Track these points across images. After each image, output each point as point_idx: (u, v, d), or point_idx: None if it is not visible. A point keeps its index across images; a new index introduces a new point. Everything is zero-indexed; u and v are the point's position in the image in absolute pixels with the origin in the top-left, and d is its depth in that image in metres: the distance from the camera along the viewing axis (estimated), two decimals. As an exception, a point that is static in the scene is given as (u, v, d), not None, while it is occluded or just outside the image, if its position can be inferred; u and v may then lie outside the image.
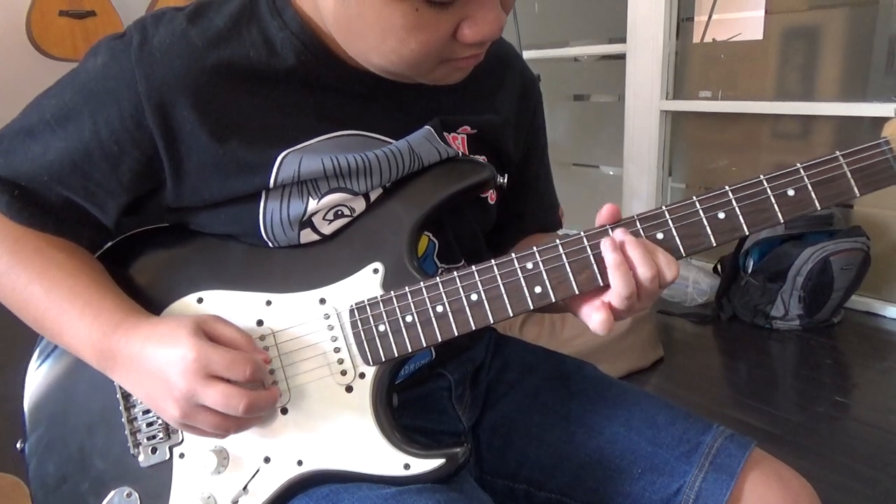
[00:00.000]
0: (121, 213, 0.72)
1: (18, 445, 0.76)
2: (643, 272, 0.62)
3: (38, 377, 0.77)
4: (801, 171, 0.61)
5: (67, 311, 0.68)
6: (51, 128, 0.68)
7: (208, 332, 0.66)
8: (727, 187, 0.62)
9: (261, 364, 0.66)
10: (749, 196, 0.62)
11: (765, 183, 0.61)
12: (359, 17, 0.61)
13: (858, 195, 0.60)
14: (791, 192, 0.61)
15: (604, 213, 0.65)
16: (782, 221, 0.61)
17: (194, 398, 0.63)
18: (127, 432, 0.72)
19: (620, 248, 0.63)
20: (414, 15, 0.58)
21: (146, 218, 0.75)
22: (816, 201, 0.61)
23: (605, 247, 0.63)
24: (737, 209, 0.62)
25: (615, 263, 0.62)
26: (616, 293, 0.63)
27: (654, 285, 0.63)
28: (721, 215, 0.62)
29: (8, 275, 0.70)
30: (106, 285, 0.71)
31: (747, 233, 0.62)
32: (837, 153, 0.60)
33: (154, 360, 0.64)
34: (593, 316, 0.64)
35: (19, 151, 0.69)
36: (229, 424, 0.65)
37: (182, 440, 0.71)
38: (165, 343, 0.64)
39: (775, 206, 0.61)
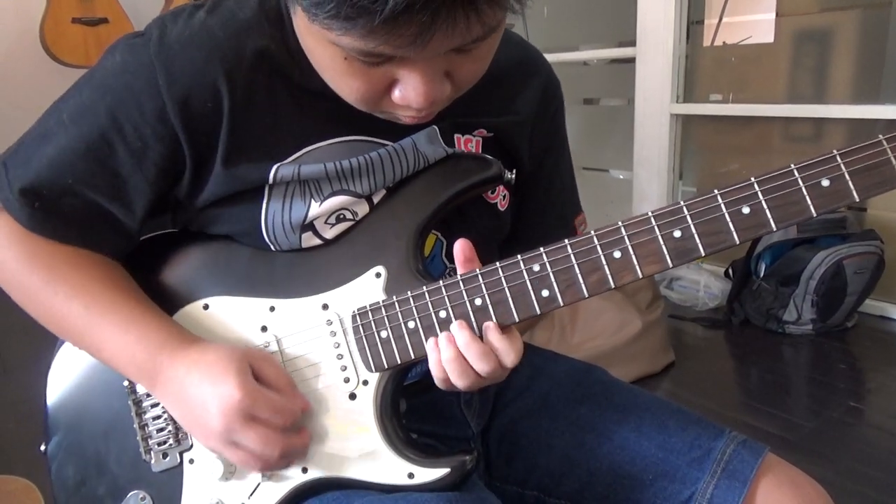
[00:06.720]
0: (147, 212, 0.70)
1: (42, 447, 0.77)
2: (482, 368, 0.62)
3: (58, 381, 0.78)
4: (838, 157, 0.54)
5: (108, 327, 0.68)
6: (68, 128, 0.67)
7: (255, 371, 0.65)
8: (752, 179, 0.56)
9: (300, 412, 0.66)
10: (777, 188, 0.56)
11: (796, 173, 0.55)
12: (308, 48, 0.62)
13: None
14: (826, 183, 0.55)
15: (458, 255, 0.65)
16: (815, 215, 0.56)
17: (231, 437, 0.63)
18: (139, 438, 0.72)
19: (453, 342, 0.63)
20: (343, 62, 0.57)
21: (158, 221, 0.75)
22: (854, 192, 0.54)
23: (442, 343, 0.63)
24: (763, 203, 0.56)
25: (448, 359, 0.63)
26: (454, 382, 0.64)
27: (496, 373, 0.63)
28: (746, 210, 0.56)
29: (45, 290, 0.69)
30: (144, 301, 0.71)
31: (775, 229, 0.57)
32: (881, 137, 0.54)
33: (197, 392, 0.64)
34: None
35: (35, 159, 0.68)
36: (260, 465, 0.65)
37: (192, 446, 0.71)
38: (212, 377, 0.64)
39: (807, 198, 0.55)
